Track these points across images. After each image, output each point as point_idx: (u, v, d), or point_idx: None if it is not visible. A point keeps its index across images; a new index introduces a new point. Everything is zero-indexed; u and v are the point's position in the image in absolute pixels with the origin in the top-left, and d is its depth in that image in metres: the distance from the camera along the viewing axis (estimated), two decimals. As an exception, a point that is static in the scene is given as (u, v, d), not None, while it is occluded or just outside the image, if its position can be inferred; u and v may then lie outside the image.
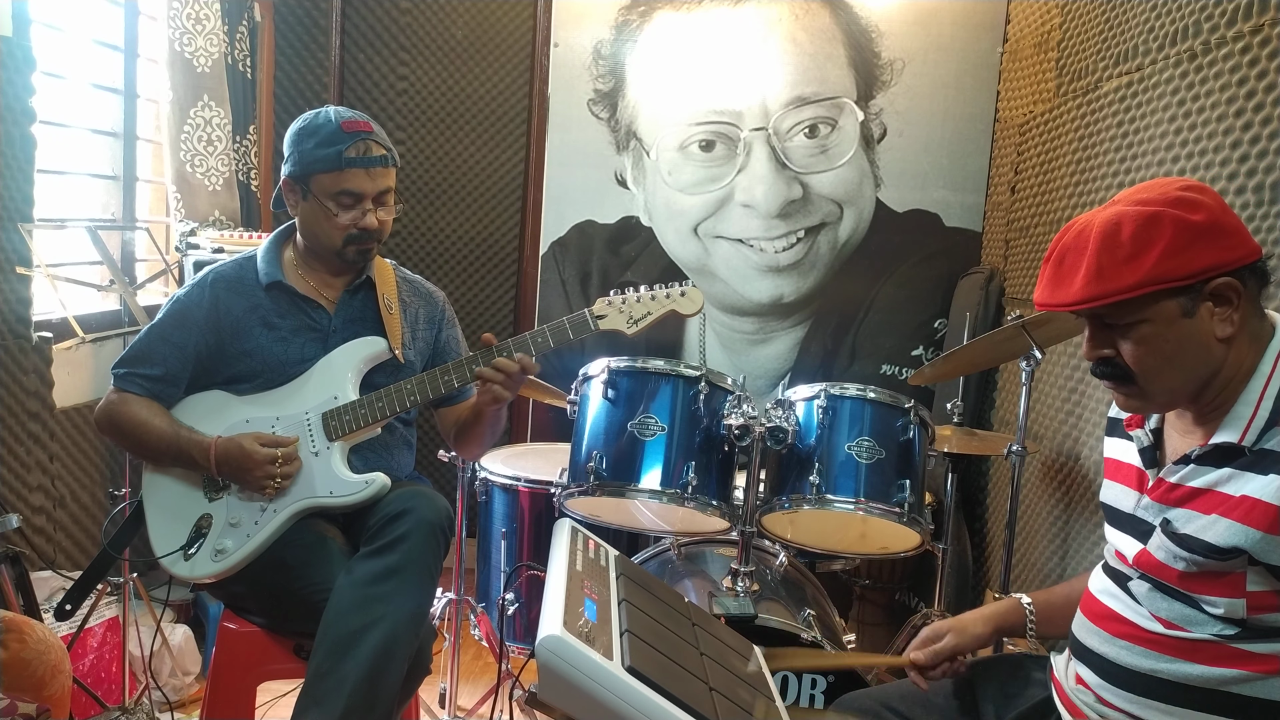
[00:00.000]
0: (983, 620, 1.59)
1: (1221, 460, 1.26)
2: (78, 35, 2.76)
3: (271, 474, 1.81)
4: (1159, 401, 1.32)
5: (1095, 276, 1.23)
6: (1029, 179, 3.10)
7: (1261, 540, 1.19)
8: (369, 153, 1.87)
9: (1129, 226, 1.22)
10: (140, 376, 1.90)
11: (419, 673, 1.81)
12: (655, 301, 1.90)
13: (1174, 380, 1.27)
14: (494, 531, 2.55)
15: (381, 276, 2.02)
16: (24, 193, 2.32)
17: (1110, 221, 1.23)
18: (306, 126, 1.90)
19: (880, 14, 3.41)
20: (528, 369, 1.85)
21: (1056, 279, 1.28)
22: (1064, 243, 1.29)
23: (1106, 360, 1.30)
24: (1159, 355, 1.25)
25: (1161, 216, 1.21)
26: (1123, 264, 1.21)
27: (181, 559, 1.84)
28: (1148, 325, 1.24)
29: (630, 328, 1.89)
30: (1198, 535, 1.25)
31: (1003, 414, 3.17)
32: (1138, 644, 1.33)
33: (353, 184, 1.87)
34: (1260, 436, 1.23)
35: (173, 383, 1.92)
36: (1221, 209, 1.23)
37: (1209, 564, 1.24)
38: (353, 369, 1.93)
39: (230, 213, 3.20)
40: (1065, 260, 1.27)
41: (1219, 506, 1.24)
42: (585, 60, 3.49)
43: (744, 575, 2.10)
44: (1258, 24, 1.91)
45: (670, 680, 1.19)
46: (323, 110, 1.92)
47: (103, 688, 2.43)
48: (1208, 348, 1.24)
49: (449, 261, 3.74)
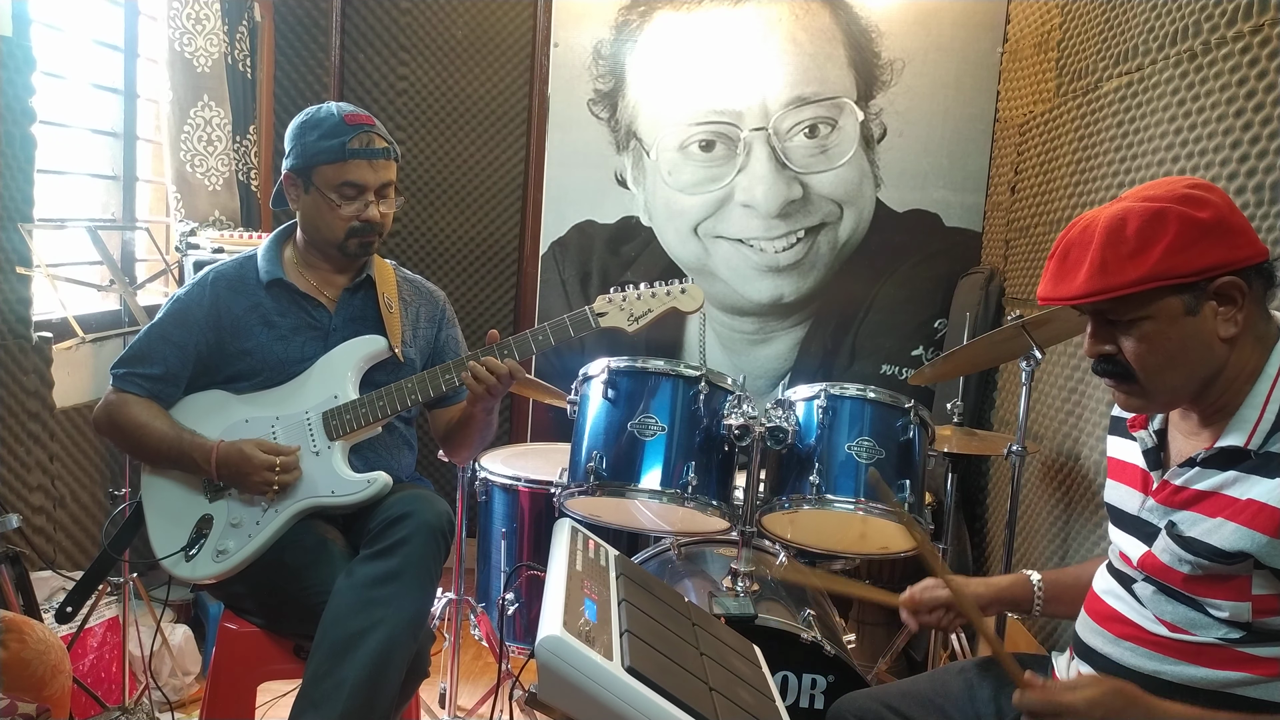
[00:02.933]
0: (984, 584, 1.60)
1: (1227, 463, 1.25)
2: (78, 35, 2.76)
3: (269, 480, 1.81)
4: (1160, 400, 1.31)
5: (1099, 271, 1.22)
6: (1029, 179, 3.10)
7: (1268, 544, 1.19)
8: (372, 144, 1.88)
9: (1134, 222, 1.21)
10: (140, 376, 1.90)
11: (417, 675, 1.81)
12: (656, 299, 1.90)
13: (1175, 379, 1.26)
14: (494, 531, 2.55)
15: (382, 275, 2.02)
16: (24, 193, 2.32)
17: (1116, 217, 1.23)
18: (309, 120, 1.91)
19: (880, 14, 3.41)
20: (515, 374, 1.86)
21: (1060, 273, 1.28)
22: (1069, 238, 1.28)
23: (1108, 358, 1.29)
24: (1161, 353, 1.25)
25: (1167, 213, 1.20)
26: (1127, 259, 1.21)
27: (183, 560, 1.84)
28: (1150, 322, 1.23)
29: (631, 325, 1.89)
30: (1203, 539, 1.24)
31: (1003, 414, 3.17)
32: (1142, 646, 1.33)
33: (355, 175, 1.88)
34: (1266, 439, 1.22)
35: (172, 382, 1.92)
36: (1229, 208, 1.23)
37: (1214, 567, 1.23)
38: (352, 368, 1.93)
39: (230, 213, 3.20)
40: (1070, 255, 1.27)
41: (1225, 510, 1.23)
42: (585, 60, 3.49)
43: (744, 575, 2.10)
44: (1258, 24, 1.91)
45: (670, 680, 1.19)
46: (324, 105, 1.93)
47: (103, 688, 2.43)
48: (1210, 347, 1.24)
49: (449, 261, 3.74)
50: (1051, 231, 2.84)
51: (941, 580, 1.57)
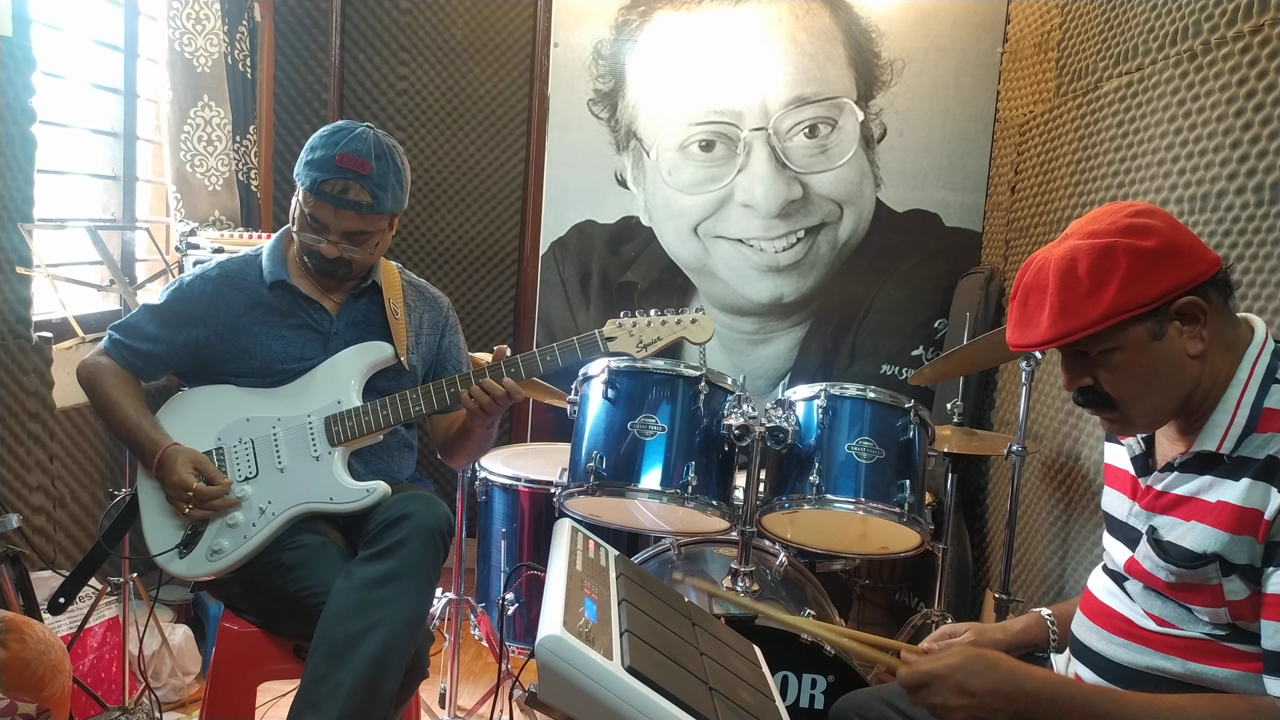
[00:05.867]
0: (1001, 629, 1.59)
1: (1203, 468, 1.27)
2: (78, 35, 2.76)
3: (182, 499, 1.82)
4: (1142, 423, 1.33)
5: (1060, 315, 1.24)
6: (1029, 179, 3.10)
7: (1230, 541, 1.20)
8: (344, 194, 1.83)
9: (1084, 261, 1.23)
10: (128, 348, 1.94)
11: (416, 677, 1.81)
12: (666, 327, 1.92)
13: (1154, 401, 1.28)
14: (494, 531, 2.55)
15: (388, 281, 2.02)
16: (24, 193, 2.31)
17: (1065, 258, 1.24)
18: (319, 139, 1.87)
19: (880, 14, 3.41)
20: (513, 395, 1.87)
21: (1023, 320, 1.30)
22: (1025, 282, 1.30)
23: (1086, 389, 1.31)
24: (1136, 380, 1.26)
25: (1115, 247, 1.21)
26: (1084, 299, 1.22)
27: (177, 557, 1.84)
28: (1120, 353, 1.25)
29: (640, 352, 1.92)
30: (1178, 543, 1.26)
31: (1003, 414, 3.17)
32: (1133, 640, 1.34)
33: (319, 214, 1.87)
34: (1238, 444, 1.24)
35: (157, 362, 1.95)
36: (1174, 229, 1.24)
37: (1188, 574, 1.25)
38: (357, 374, 1.93)
39: (230, 213, 3.20)
40: (1030, 300, 1.29)
41: (1197, 514, 1.26)
42: (585, 60, 3.49)
43: (744, 575, 2.10)
44: (1258, 24, 1.91)
45: (670, 680, 1.19)
46: (348, 128, 1.87)
47: (103, 688, 2.43)
48: (1181, 366, 1.25)
49: (449, 261, 3.74)
50: (1051, 231, 2.84)
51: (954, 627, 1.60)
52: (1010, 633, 1.58)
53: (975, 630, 1.58)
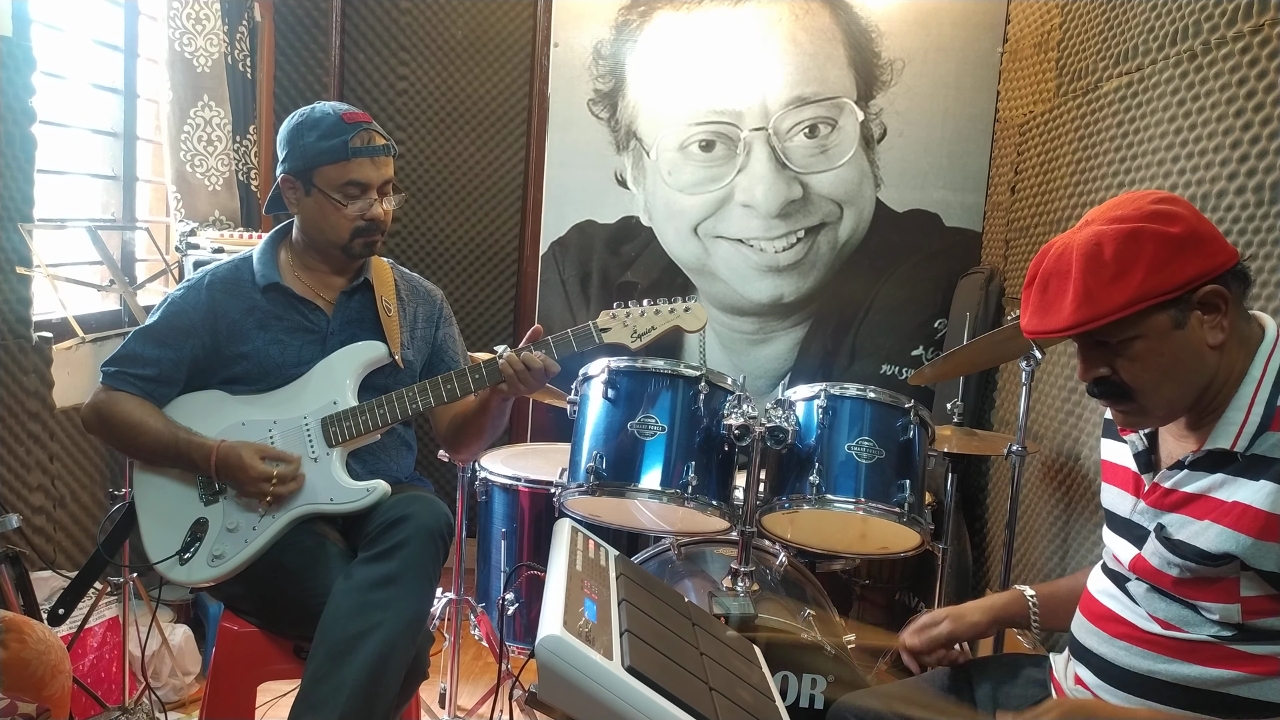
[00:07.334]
0: (981, 610, 1.59)
1: (1215, 466, 1.26)
2: (78, 35, 2.76)
3: (264, 491, 1.80)
4: (1158, 415, 1.31)
5: (1084, 299, 1.22)
6: (1029, 179, 3.10)
7: (1252, 546, 1.19)
8: (372, 142, 1.89)
9: (1110, 245, 1.21)
10: (133, 376, 1.89)
11: (416, 677, 1.81)
12: (659, 316, 1.91)
13: (1172, 392, 1.27)
14: (494, 531, 2.55)
15: (379, 277, 2.01)
16: (24, 193, 2.32)
17: (1090, 242, 1.22)
18: (305, 121, 1.90)
19: (880, 14, 3.41)
20: (550, 369, 1.87)
21: (1042, 306, 1.27)
22: (1045, 267, 1.28)
23: (1102, 380, 1.29)
24: (1155, 370, 1.25)
25: (1141, 232, 1.20)
26: (1110, 284, 1.21)
27: (177, 564, 1.83)
28: (1141, 341, 1.24)
29: (634, 342, 1.91)
30: (1190, 541, 1.25)
31: (1003, 414, 3.17)
32: (1136, 644, 1.33)
33: (359, 174, 1.88)
34: (1252, 442, 1.23)
35: (166, 383, 1.91)
36: (1197, 218, 1.23)
37: (1202, 570, 1.24)
38: (352, 374, 1.92)
39: (230, 213, 3.20)
40: (1050, 285, 1.26)
41: (1212, 512, 1.24)
42: (585, 60, 3.49)
43: (744, 575, 2.10)
44: (1258, 24, 1.91)
45: (670, 680, 1.19)
46: (316, 105, 1.93)
47: (103, 688, 2.43)
48: (1201, 356, 1.24)
49: (449, 261, 3.74)
50: (1051, 231, 2.84)
51: (933, 615, 1.59)
52: (991, 611, 1.58)
53: (952, 616, 1.57)
